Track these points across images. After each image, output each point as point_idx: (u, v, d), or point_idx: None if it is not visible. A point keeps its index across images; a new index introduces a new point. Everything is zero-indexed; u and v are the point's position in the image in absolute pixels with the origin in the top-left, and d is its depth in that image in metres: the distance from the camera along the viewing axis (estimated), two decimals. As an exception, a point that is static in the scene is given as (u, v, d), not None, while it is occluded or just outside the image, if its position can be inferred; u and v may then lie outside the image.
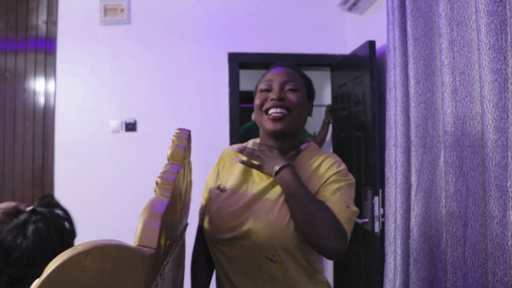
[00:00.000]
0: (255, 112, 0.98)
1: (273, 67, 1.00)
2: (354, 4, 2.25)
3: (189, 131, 0.79)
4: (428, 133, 1.35)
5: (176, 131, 0.76)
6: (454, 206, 1.18)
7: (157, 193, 0.60)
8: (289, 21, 2.49)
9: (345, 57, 2.38)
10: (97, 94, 2.38)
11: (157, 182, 0.61)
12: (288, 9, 2.49)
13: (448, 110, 1.20)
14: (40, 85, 2.37)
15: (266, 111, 0.93)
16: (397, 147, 1.48)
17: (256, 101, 0.95)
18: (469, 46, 1.15)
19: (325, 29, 2.51)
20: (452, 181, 1.19)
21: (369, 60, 1.93)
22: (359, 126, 2.10)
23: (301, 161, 0.97)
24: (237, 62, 2.45)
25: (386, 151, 1.60)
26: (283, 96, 0.92)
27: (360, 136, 2.08)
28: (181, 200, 0.77)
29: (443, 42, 1.21)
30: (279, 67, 0.98)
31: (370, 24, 2.20)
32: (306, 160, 0.96)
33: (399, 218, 1.46)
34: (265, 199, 0.91)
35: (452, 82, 1.19)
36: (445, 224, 1.21)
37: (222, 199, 0.95)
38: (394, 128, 1.52)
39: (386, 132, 1.60)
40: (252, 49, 2.46)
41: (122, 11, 2.39)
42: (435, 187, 1.32)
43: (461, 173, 1.17)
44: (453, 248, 1.18)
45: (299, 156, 0.98)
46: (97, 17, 2.39)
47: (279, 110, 0.91)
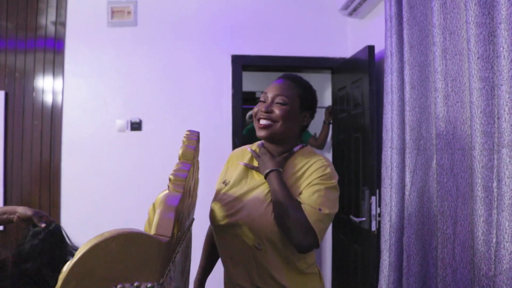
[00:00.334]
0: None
1: (277, 79, 1.14)
2: (355, 10, 2.32)
3: (198, 133, 0.86)
4: (422, 136, 1.42)
5: (186, 132, 0.83)
6: (445, 206, 1.25)
7: (170, 188, 0.67)
8: (292, 25, 2.56)
9: (345, 61, 2.45)
10: (103, 94, 2.45)
11: (170, 178, 0.67)
12: (291, 13, 2.56)
13: (440, 115, 1.27)
14: (48, 84, 2.44)
15: (258, 119, 1.09)
16: (393, 149, 1.55)
17: (254, 109, 1.11)
18: (461, 54, 1.22)
19: (326, 33, 2.58)
20: (443, 181, 1.26)
21: (368, 65, 1.99)
22: (357, 128, 2.16)
23: (293, 162, 1.11)
24: (240, 64, 2.51)
25: (383, 152, 1.66)
26: (269, 109, 1.07)
27: (358, 137, 2.15)
28: (190, 196, 0.84)
29: (437, 50, 1.28)
30: (279, 79, 1.12)
31: (370, 29, 2.27)
32: (298, 162, 1.10)
33: (394, 216, 1.53)
34: (257, 195, 1.06)
35: (445, 88, 1.26)
36: (437, 222, 1.28)
37: (224, 191, 1.12)
38: (390, 130, 1.58)
39: (383, 134, 1.66)
40: (255, 51, 2.53)
41: (128, 13, 2.46)
42: (428, 187, 1.39)
43: (451, 174, 1.24)
44: (443, 245, 1.24)
45: (291, 158, 1.11)
46: (104, 19, 2.46)
47: (264, 122, 1.07)
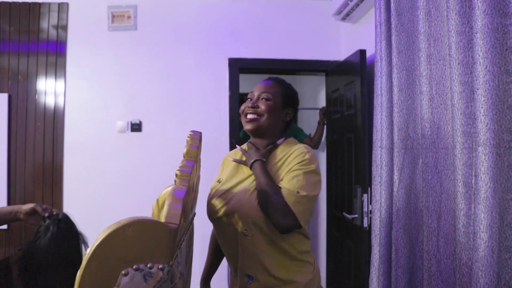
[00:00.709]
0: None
1: (263, 80, 1.25)
2: (348, 14, 2.41)
3: (200, 133, 0.94)
4: (409, 136, 1.51)
5: (190, 132, 0.90)
6: (430, 201, 1.34)
7: (177, 182, 0.75)
8: (287, 29, 2.64)
9: (338, 64, 2.53)
10: (104, 96, 2.52)
11: (177, 174, 0.75)
12: (286, 17, 2.65)
13: (425, 116, 1.36)
14: (51, 87, 2.50)
15: (245, 115, 1.19)
16: (382, 148, 1.64)
17: (242, 107, 1.21)
18: (444, 60, 1.31)
19: (320, 37, 2.67)
20: (428, 178, 1.35)
21: (360, 68, 2.08)
22: (350, 129, 2.25)
23: (277, 153, 1.20)
24: (237, 67, 2.59)
25: (373, 151, 1.75)
26: (256, 104, 1.18)
27: (351, 138, 2.23)
28: (193, 190, 0.92)
29: (422, 55, 1.37)
30: (265, 81, 1.23)
31: (363, 33, 2.36)
32: (280, 152, 1.20)
33: (383, 212, 1.62)
34: (244, 185, 1.15)
35: (429, 91, 1.35)
36: (423, 217, 1.37)
37: (217, 187, 1.22)
38: (380, 131, 1.67)
39: (373, 135, 1.75)
40: (251, 55, 2.61)
41: (129, 18, 2.53)
42: (414, 185, 1.48)
43: (436, 172, 1.33)
44: (428, 238, 1.33)
45: (276, 150, 1.21)
46: (105, 23, 2.53)
47: (251, 116, 1.17)
